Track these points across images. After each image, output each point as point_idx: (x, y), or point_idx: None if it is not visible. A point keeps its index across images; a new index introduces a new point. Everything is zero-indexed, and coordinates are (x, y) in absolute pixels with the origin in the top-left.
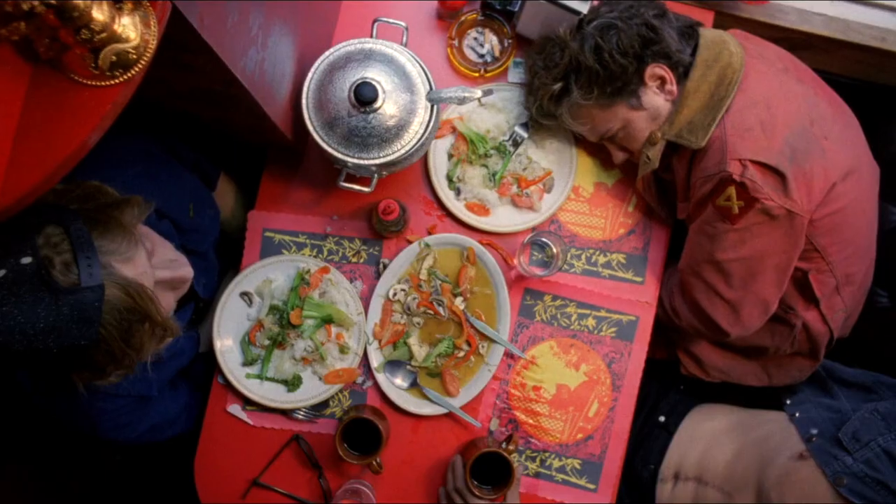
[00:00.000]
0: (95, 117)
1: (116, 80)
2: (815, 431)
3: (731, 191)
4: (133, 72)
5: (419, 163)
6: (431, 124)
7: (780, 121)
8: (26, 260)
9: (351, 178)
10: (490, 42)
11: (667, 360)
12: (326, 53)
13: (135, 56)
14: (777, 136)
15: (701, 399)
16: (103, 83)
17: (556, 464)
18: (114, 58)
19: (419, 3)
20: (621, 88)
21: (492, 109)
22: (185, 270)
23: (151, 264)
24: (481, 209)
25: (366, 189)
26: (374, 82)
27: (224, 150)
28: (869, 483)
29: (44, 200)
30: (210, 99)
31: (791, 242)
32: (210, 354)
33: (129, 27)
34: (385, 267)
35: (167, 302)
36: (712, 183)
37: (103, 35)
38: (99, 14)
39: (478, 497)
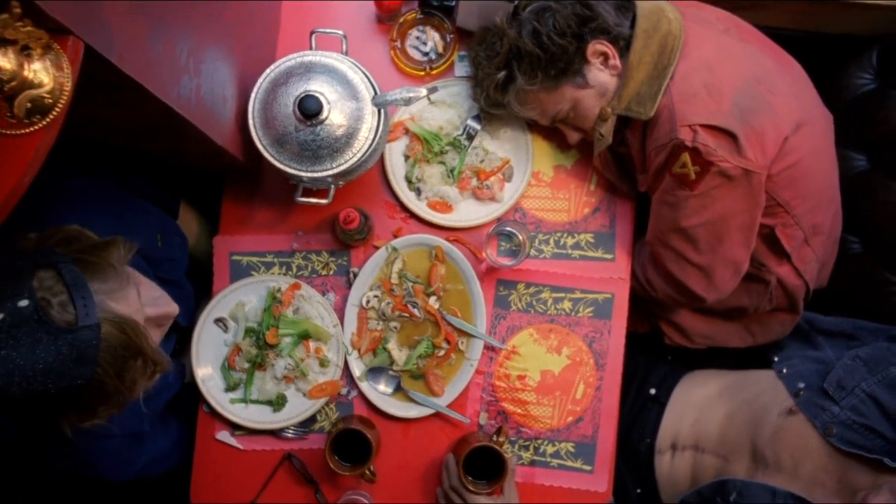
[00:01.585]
0: (21, 165)
1: (36, 127)
2: (802, 385)
3: (686, 157)
4: (52, 116)
5: (377, 168)
6: (381, 129)
7: (724, 82)
8: (23, 303)
9: (309, 192)
10: (432, 39)
11: (650, 333)
12: (267, 71)
13: (51, 100)
14: (724, 98)
15: (689, 367)
16: (22, 131)
17: (550, 449)
18: (29, 104)
19: (357, 10)
20: (565, 69)
21: (442, 106)
22: (171, 307)
23: (141, 302)
24: (444, 206)
25: (324, 201)
26: (316, 94)
27: (182, 179)
28: (857, 429)
29: (25, 248)
30: (154, 132)
31: (752, 201)
32: (195, 384)
33: (40, 72)
34: (355, 276)
35: (155, 338)
36: (666, 152)
37: (13, 83)
38: (5, 63)
39: (474, 492)
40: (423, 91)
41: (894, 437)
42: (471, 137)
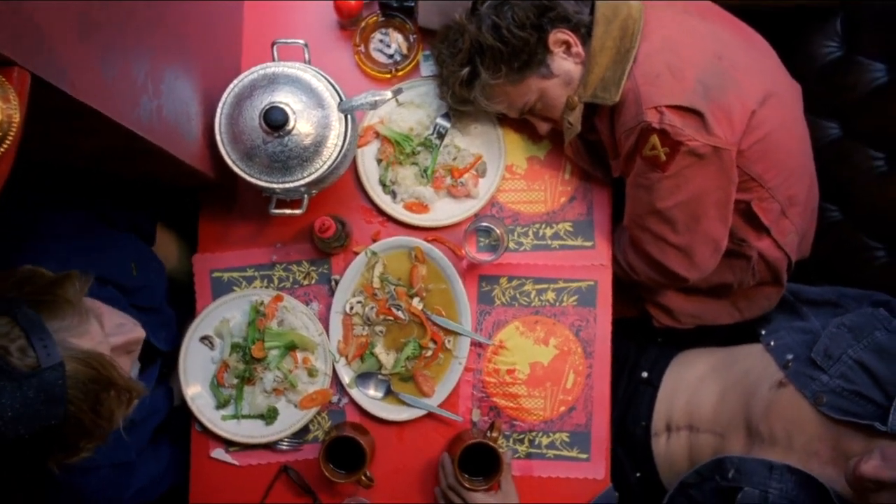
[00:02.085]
0: None
1: None
2: (790, 357)
3: (654, 139)
4: (2, 150)
5: (350, 174)
6: (349, 135)
7: (687, 61)
8: None
9: (283, 203)
10: (396, 41)
11: (638, 317)
12: (231, 86)
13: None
14: (687, 77)
15: (680, 348)
16: None
17: (545, 441)
18: None
19: (319, 18)
20: (528, 61)
21: (410, 107)
22: (137, 332)
23: (104, 332)
24: (420, 207)
25: (298, 211)
26: (281, 105)
27: (159, 200)
28: (847, 396)
29: None
30: (120, 155)
31: (725, 177)
32: (185, 405)
33: None
34: (337, 283)
35: (125, 366)
36: (634, 135)
37: None
38: None
39: (471, 490)
40: (389, 94)
41: (883, 401)
42: (441, 136)
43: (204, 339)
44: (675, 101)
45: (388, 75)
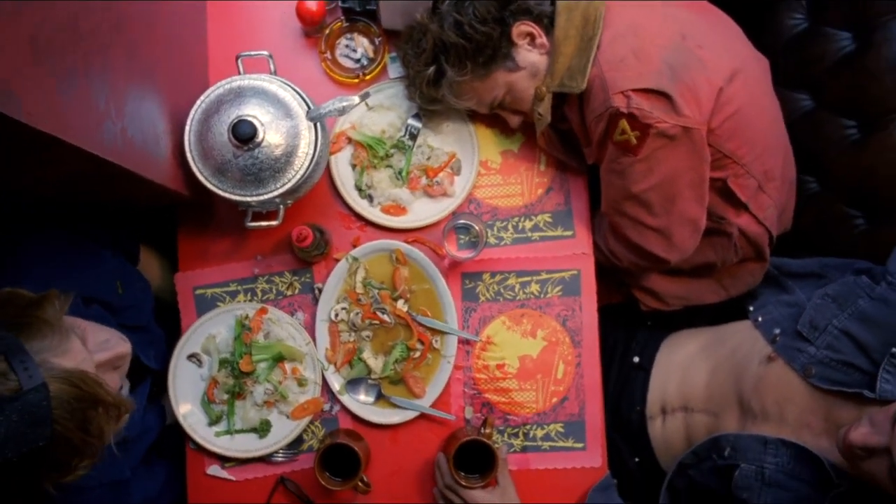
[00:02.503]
0: None
1: None
2: (777, 331)
3: (624, 124)
4: None
5: (326, 181)
6: (320, 142)
7: (651, 43)
8: None
9: (259, 216)
10: (361, 45)
11: (625, 302)
12: (198, 102)
13: None
14: (652, 59)
15: (670, 330)
16: None
17: (540, 433)
18: None
19: (283, 27)
20: (493, 55)
21: (381, 109)
22: (122, 347)
23: (88, 349)
24: (398, 209)
25: (274, 223)
26: (249, 118)
27: (137, 220)
28: (835, 366)
29: None
30: (91, 181)
31: (697, 157)
32: (178, 424)
33: None
34: (320, 291)
35: (113, 382)
36: (604, 121)
37: None
38: None
39: (468, 488)
40: (356, 98)
41: (870, 368)
42: (414, 137)
43: (191, 356)
44: (642, 85)
45: (357, 80)
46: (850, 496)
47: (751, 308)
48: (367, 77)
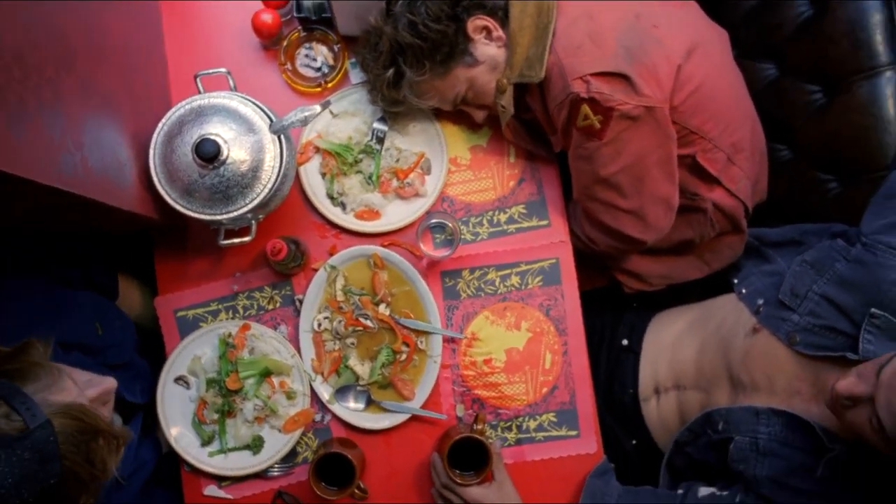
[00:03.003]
0: None
1: None
2: (761, 301)
3: (586, 109)
4: None
5: (297, 192)
6: (285, 155)
7: (605, 26)
8: None
9: (232, 233)
10: (321, 54)
11: (609, 286)
12: (160, 125)
13: None
14: (608, 42)
15: (657, 310)
16: None
17: (533, 424)
18: None
19: (241, 43)
20: (450, 52)
21: (346, 116)
22: (107, 382)
23: (79, 387)
24: (372, 214)
25: (247, 239)
26: (212, 137)
27: (112, 249)
28: (818, 332)
29: None
30: (56, 213)
31: (662, 135)
32: (172, 451)
33: None
34: (301, 303)
35: (105, 416)
36: (566, 108)
37: None
38: None
39: (464, 485)
40: (317, 108)
41: (852, 330)
42: (381, 140)
43: (178, 379)
44: (600, 69)
45: (319, 88)
46: (843, 460)
47: (735, 281)
48: (330, 85)
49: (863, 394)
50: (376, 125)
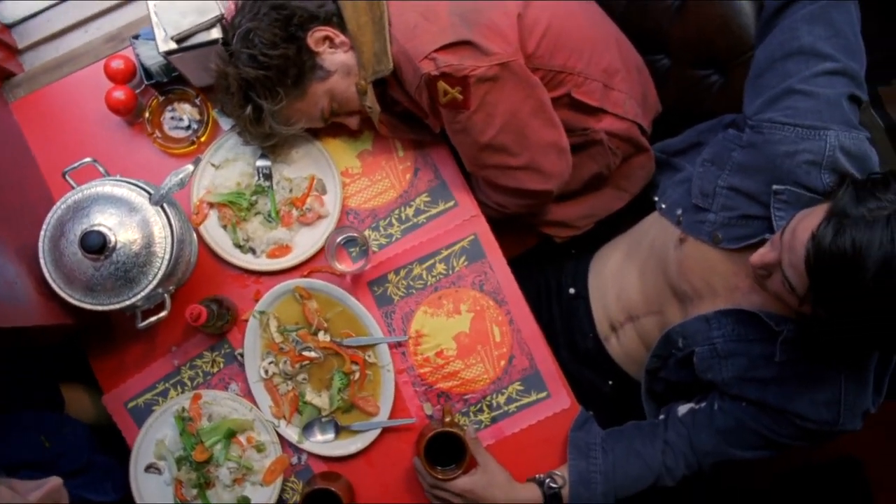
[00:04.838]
0: None
1: None
2: (679, 211)
3: (443, 85)
4: None
5: (206, 252)
6: (174, 221)
7: (434, 1)
8: None
9: (149, 312)
10: (185, 112)
11: (541, 243)
12: (42, 232)
13: None
14: (440, 16)
15: (594, 252)
16: None
17: (502, 399)
18: None
19: (104, 126)
20: (300, 73)
21: (227, 164)
22: (51, 482)
23: (20, 494)
24: (283, 249)
25: (163, 314)
26: (95, 228)
27: (53, 362)
28: (735, 223)
29: None
30: None
31: (526, 86)
32: None
33: None
34: (242, 356)
35: None
36: (424, 90)
37: None
38: None
39: (448, 479)
40: (189, 167)
41: (764, 212)
42: (268, 176)
43: (149, 467)
44: (440, 42)
45: (194, 146)
46: (795, 338)
47: (655, 198)
48: (203, 138)
49: (773, 261)
50: (259, 163)
